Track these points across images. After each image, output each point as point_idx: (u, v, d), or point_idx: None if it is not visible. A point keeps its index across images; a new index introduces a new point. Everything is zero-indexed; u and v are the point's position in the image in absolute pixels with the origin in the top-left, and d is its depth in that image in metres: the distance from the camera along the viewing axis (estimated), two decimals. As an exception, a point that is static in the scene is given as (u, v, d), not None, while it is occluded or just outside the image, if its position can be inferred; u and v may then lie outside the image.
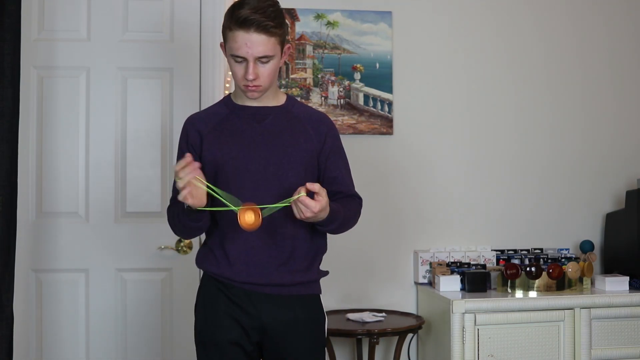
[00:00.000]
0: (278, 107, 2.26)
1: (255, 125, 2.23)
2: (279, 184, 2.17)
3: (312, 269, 2.27)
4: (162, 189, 3.24)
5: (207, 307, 2.25)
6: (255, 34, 2.10)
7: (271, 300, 2.21)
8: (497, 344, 3.01)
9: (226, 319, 2.20)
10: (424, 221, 3.49)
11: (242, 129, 2.22)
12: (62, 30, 3.21)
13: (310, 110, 2.35)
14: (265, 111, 2.24)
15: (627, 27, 3.69)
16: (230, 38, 2.13)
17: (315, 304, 2.29)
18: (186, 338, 3.22)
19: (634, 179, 3.58)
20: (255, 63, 2.13)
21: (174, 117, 3.25)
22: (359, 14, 3.44)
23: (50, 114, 3.20)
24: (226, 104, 2.29)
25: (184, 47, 3.27)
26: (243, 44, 2.11)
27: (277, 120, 2.24)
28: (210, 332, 2.22)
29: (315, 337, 2.27)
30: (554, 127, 3.61)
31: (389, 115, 3.44)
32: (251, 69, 2.13)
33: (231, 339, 2.19)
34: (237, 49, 2.12)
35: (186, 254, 3.21)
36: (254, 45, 2.10)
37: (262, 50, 2.12)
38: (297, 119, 2.26)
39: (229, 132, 2.22)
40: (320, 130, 2.27)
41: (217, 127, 2.24)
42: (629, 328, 3.12)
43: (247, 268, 2.19)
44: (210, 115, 2.28)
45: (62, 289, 3.18)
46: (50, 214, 3.19)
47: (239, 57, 2.13)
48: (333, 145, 2.28)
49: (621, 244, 3.43)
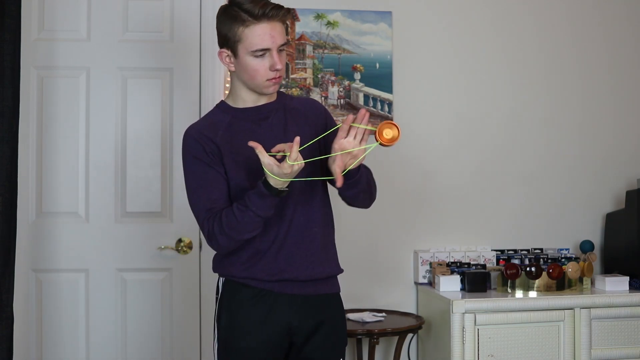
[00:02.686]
0: (274, 102, 2.26)
1: (263, 123, 2.22)
2: (301, 173, 2.12)
3: (334, 260, 2.28)
4: (162, 188, 3.24)
5: (232, 315, 2.20)
6: (276, 22, 2.12)
7: (299, 302, 2.19)
8: (497, 344, 3.01)
9: (253, 326, 2.17)
10: (424, 221, 3.49)
11: (253, 129, 2.21)
12: (62, 30, 3.21)
13: (301, 98, 2.43)
14: (266, 109, 2.24)
15: (626, 28, 3.69)
16: (248, 35, 2.11)
17: (339, 303, 2.30)
18: (186, 338, 3.22)
19: (634, 179, 3.58)
20: (278, 52, 2.14)
21: (174, 117, 3.25)
22: (359, 14, 3.44)
23: (50, 114, 3.20)
24: (224, 111, 2.24)
25: (184, 47, 3.27)
26: (267, 35, 2.11)
27: (279, 115, 2.24)
28: (236, 340, 2.18)
29: (339, 336, 2.28)
30: (554, 127, 3.61)
31: (389, 115, 3.44)
32: (277, 58, 2.13)
33: (259, 346, 2.17)
34: (261, 42, 2.11)
35: (186, 254, 3.22)
36: (277, 34, 2.12)
37: (283, 37, 2.15)
38: (295, 110, 2.27)
39: (242, 134, 2.19)
40: (318, 111, 2.31)
41: (227, 133, 2.20)
42: (629, 328, 3.12)
43: (274, 265, 2.17)
44: (213, 124, 2.21)
45: (62, 289, 3.18)
46: (50, 214, 3.19)
47: (261, 50, 2.12)
48: (333, 122, 2.32)
49: (621, 244, 3.43)
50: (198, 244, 3.24)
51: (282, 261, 2.18)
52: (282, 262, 2.18)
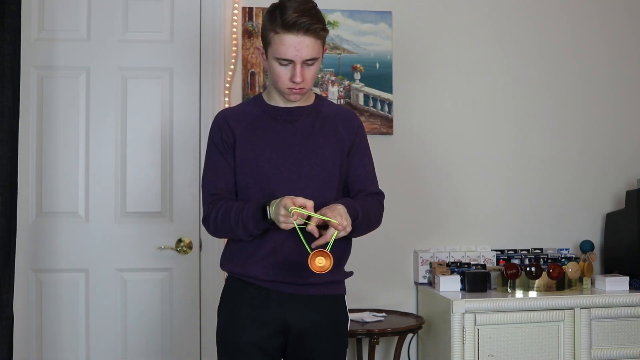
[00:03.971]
0: (308, 106, 2.27)
1: (289, 126, 2.22)
2: (312, 184, 2.17)
3: (339, 269, 2.28)
4: (162, 188, 3.24)
5: (230, 309, 2.23)
6: (305, 37, 2.10)
7: (297, 301, 2.20)
8: (497, 344, 3.01)
9: (249, 321, 2.18)
10: (424, 221, 3.49)
11: (276, 129, 2.22)
12: (62, 30, 3.21)
13: (338, 108, 2.36)
14: (297, 112, 2.24)
15: (626, 28, 3.69)
16: (276, 41, 2.11)
17: (341, 305, 2.29)
18: (186, 338, 3.22)
19: (634, 179, 3.58)
20: (302, 66, 2.13)
21: (174, 117, 3.25)
22: (359, 14, 3.44)
23: (50, 114, 3.20)
24: (258, 104, 2.27)
25: (184, 47, 3.27)
26: (292, 47, 2.10)
27: (308, 120, 2.24)
28: (232, 335, 2.20)
29: (339, 338, 2.27)
30: (554, 127, 3.61)
31: (389, 115, 3.44)
32: (299, 72, 2.12)
33: (253, 341, 2.18)
34: (285, 52, 2.11)
35: (186, 254, 3.22)
36: (303, 48, 2.10)
37: (310, 52, 2.12)
38: (327, 118, 2.26)
39: (263, 132, 2.21)
40: (351, 129, 2.28)
41: (250, 127, 2.22)
42: (629, 328, 3.12)
43: (275, 266, 2.18)
44: (242, 113, 2.26)
45: (62, 289, 3.18)
46: (50, 214, 3.19)
47: (285, 60, 2.12)
48: (360, 143, 2.29)
49: (621, 244, 3.43)
50: (198, 244, 3.24)
51: (284, 264, 2.18)
52: (284, 265, 2.18)
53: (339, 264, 2.27)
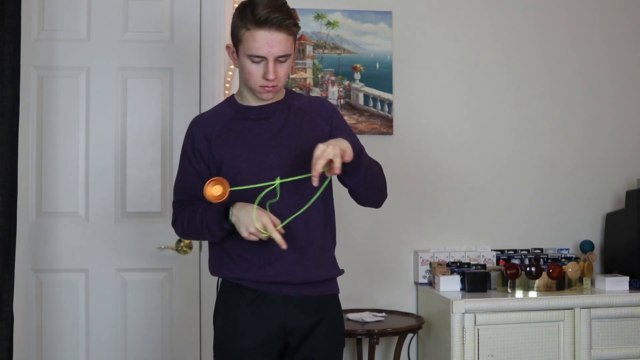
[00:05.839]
0: (280, 102, 2.26)
1: (263, 123, 2.22)
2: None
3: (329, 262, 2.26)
4: (162, 189, 3.24)
5: (228, 316, 2.20)
6: (277, 32, 2.09)
7: (294, 302, 2.18)
8: (497, 344, 3.01)
9: (248, 327, 2.17)
10: (424, 221, 3.49)
11: (251, 128, 2.21)
12: (62, 30, 3.21)
13: (310, 98, 2.38)
14: (269, 108, 2.24)
15: (626, 28, 3.69)
16: (247, 38, 2.11)
17: (336, 304, 2.29)
18: (186, 338, 3.23)
19: (634, 179, 3.58)
20: (275, 63, 2.12)
21: (174, 117, 3.26)
22: (359, 14, 3.44)
23: (50, 114, 3.20)
24: (230, 105, 2.27)
25: (184, 47, 3.27)
26: (264, 43, 2.09)
27: (282, 115, 2.23)
28: (231, 341, 2.18)
29: (337, 337, 2.27)
30: (554, 127, 3.61)
31: (389, 115, 3.44)
32: (272, 69, 2.11)
33: (253, 346, 2.17)
34: (257, 49, 2.10)
35: (186, 254, 3.22)
36: (276, 44, 2.09)
37: (283, 49, 2.11)
38: (300, 109, 2.26)
39: (237, 133, 2.21)
40: (325, 114, 2.27)
41: (224, 130, 2.22)
42: (629, 328, 3.12)
43: (271, 269, 2.16)
44: (216, 115, 2.26)
45: (62, 289, 3.18)
46: (50, 214, 3.19)
47: (257, 57, 2.12)
48: (340, 124, 2.28)
49: (621, 244, 3.43)
50: (198, 244, 3.24)
51: (278, 265, 2.17)
52: (278, 266, 2.17)
53: (324, 254, 2.24)
